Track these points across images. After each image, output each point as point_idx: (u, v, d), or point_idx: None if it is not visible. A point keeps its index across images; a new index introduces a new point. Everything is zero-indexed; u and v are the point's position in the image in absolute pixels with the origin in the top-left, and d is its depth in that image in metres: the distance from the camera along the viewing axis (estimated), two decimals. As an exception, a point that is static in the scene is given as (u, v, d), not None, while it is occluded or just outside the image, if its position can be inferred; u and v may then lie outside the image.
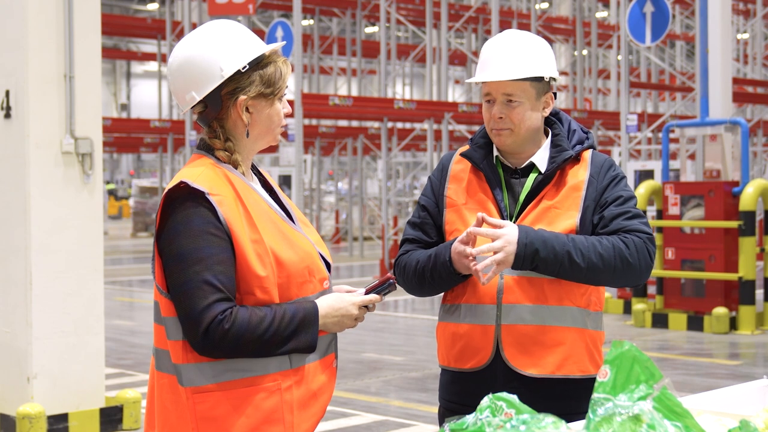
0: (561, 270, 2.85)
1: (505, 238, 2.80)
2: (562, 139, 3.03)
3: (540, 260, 2.82)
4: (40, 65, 6.46)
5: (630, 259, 2.87)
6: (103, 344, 6.77)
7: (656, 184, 12.34)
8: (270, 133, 2.60)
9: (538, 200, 2.96)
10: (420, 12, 23.04)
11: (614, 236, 2.90)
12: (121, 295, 15.96)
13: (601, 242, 2.87)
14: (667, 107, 26.54)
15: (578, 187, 2.97)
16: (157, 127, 23.42)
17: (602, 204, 2.95)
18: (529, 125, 2.98)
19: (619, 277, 2.91)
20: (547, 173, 2.98)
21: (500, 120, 2.97)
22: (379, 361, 9.84)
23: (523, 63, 2.95)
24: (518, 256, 2.81)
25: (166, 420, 2.48)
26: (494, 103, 2.98)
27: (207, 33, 2.55)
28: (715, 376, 9.05)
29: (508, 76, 2.93)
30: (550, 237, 2.84)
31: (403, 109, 17.59)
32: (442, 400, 3.12)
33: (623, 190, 2.98)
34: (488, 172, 3.02)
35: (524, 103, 2.96)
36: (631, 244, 2.88)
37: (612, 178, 2.99)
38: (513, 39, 3.00)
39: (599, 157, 3.04)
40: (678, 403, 1.89)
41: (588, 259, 2.84)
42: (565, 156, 2.98)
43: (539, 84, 2.98)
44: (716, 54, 12.22)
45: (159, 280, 2.47)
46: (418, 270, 3.01)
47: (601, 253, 2.85)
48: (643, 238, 2.91)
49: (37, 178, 6.45)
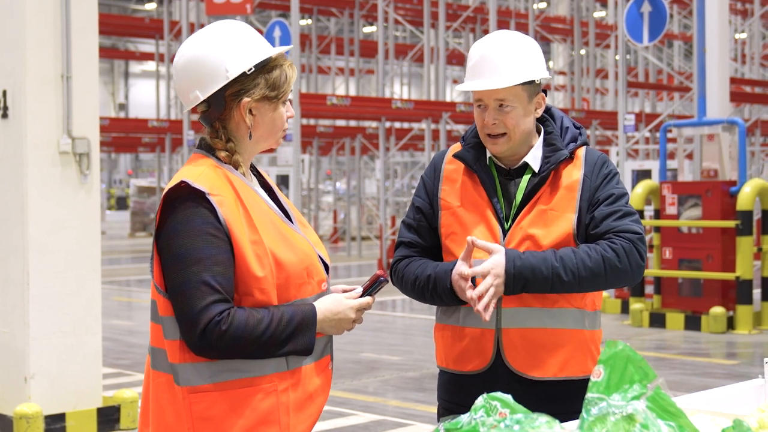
0: (553, 289, 2.86)
1: (493, 272, 2.81)
2: (556, 138, 3.01)
3: (530, 287, 2.84)
4: (37, 65, 6.46)
5: (620, 266, 2.86)
6: (100, 344, 6.78)
7: (654, 184, 12.34)
8: (272, 137, 2.60)
9: (534, 202, 2.94)
10: (418, 12, 23.03)
11: (603, 243, 2.88)
12: (119, 295, 15.96)
13: (589, 255, 2.85)
14: (665, 107, 26.53)
15: (573, 188, 2.96)
16: (155, 127, 23.41)
17: (594, 202, 2.94)
18: (523, 128, 2.96)
19: (612, 284, 2.92)
20: (542, 174, 2.96)
21: (494, 126, 2.94)
22: (377, 361, 9.84)
23: (514, 68, 2.91)
24: (507, 286, 2.82)
25: (161, 419, 2.48)
26: (486, 108, 2.95)
27: (214, 33, 2.55)
28: (712, 375, 9.06)
29: (500, 85, 2.90)
30: (538, 263, 2.82)
31: (401, 109, 17.59)
32: (441, 401, 3.12)
33: (615, 188, 2.96)
34: (482, 173, 3.00)
35: (517, 107, 2.93)
36: (620, 250, 2.86)
37: (605, 176, 2.97)
38: (501, 43, 2.96)
39: (593, 155, 3.02)
40: (672, 402, 1.89)
41: (578, 275, 2.84)
42: (560, 157, 2.96)
43: (531, 87, 2.95)
44: (714, 54, 12.23)
45: (157, 279, 2.47)
46: (417, 287, 3.00)
47: (591, 267, 2.84)
48: (632, 239, 2.88)
49: (34, 178, 6.45)
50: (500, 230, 2.95)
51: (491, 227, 2.95)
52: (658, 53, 25.73)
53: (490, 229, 2.95)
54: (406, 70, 30.32)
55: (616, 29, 18.84)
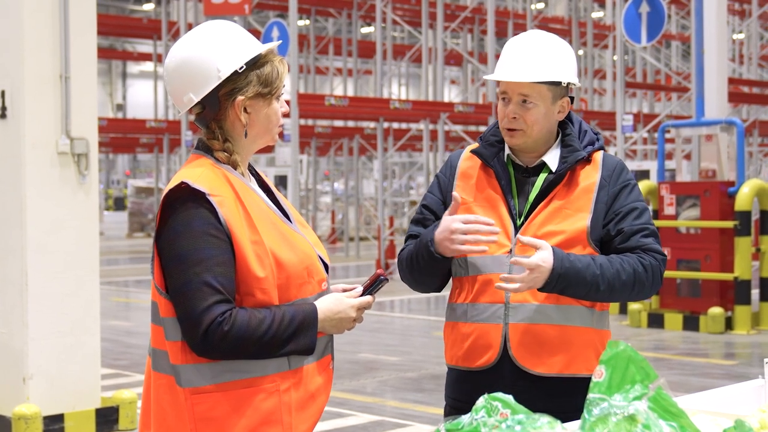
0: (586, 297, 2.89)
1: (539, 268, 2.79)
2: (574, 139, 3.03)
3: (568, 291, 2.86)
4: (35, 65, 6.45)
5: (646, 283, 2.93)
6: (99, 345, 6.77)
7: (652, 184, 12.34)
8: (268, 133, 2.60)
9: (549, 200, 2.96)
10: (416, 12, 23.03)
11: (634, 257, 2.93)
12: (117, 295, 15.95)
13: (623, 268, 2.89)
14: (663, 107, 26.55)
15: (590, 189, 2.98)
16: (153, 128, 23.41)
17: (618, 213, 2.97)
18: (542, 127, 2.98)
19: (633, 297, 2.97)
20: (559, 173, 2.98)
21: (514, 120, 2.97)
22: (375, 362, 9.84)
23: (542, 66, 2.94)
24: (548, 284, 2.82)
25: (162, 421, 2.48)
26: (509, 102, 2.98)
27: (203, 34, 2.55)
28: (710, 376, 9.06)
29: (524, 78, 2.93)
30: (583, 269, 2.84)
31: (399, 110, 17.59)
32: (448, 399, 3.14)
33: (638, 201, 3.00)
34: (498, 169, 3.02)
35: (539, 105, 2.96)
36: (649, 267, 2.93)
37: (624, 184, 3.00)
38: (536, 40, 3.00)
39: (611, 160, 3.05)
40: (673, 403, 1.89)
41: (612, 286, 2.88)
42: (577, 157, 2.99)
43: (556, 88, 2.97)
44: (712, 54, 12.23)
45: (158, 280, 2.47)
46: (408, 259, 3.02)
47: (624, 280, 2.89)
48: (660, 261, 2.96)
49: (33, 179, 6.44)
50: (512, 226, 2.96)
51: (504, 223, 2.96)
52: (656, 54, 25.75)
53: (503, 224, 2.96)
54: (404, 71, 30.31)
55: (614, 30, 18.86)
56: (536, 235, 2.92)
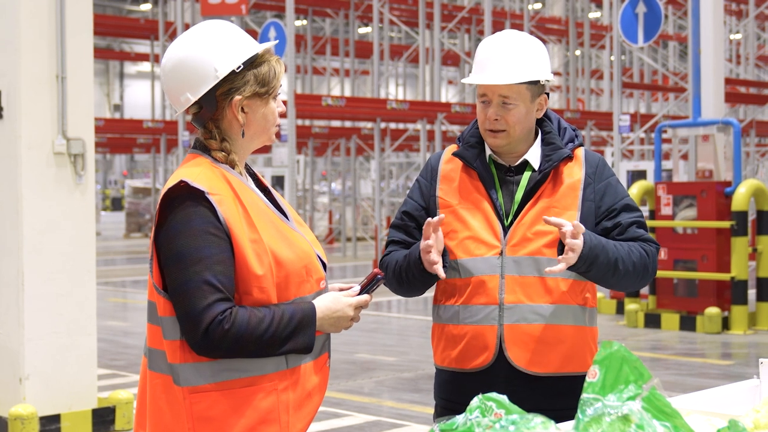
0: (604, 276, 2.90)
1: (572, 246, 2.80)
2: (555, 137, 3.06)
3: (596, 265, 2.86)
4: (32, 66, 6.45)
5: (649, 268, 2.99)
6: (95, 345, 6.77)
7: (649, 185, 12.35)
8: (265, 133, 2.60)
9: (536, 199, 2.98)
10: (413, 12, 23.05)
11: (636, 244, 2.98)
12: (113, 296, 15.94)
13: (632, 251, 2.94)
14: (660, 107, 26.56)
15: (575, 187, 3.00)
16: (150, 128, 23.41)
17: (612, 209, 3.00)
18: (523, 127, 3.00)
19: (635, 284, 3.00)
20: (543, 171, 3.00)
21: (495, 122, 2.98)
22: (372, 362, 9.84)
23: (520, 66, 2.96)
24: (582, 257, 2.82)
25: (159, 420, 2.48)
26: (489, 104, 3.00)
27: (200, 34, 2.55)
28: (707, 376, 9.07)
29: (505, 81, 2.94)
30: (606, 242, 2.89)
31: (396, 110, 17.60)
32: (439, 399, 3.13)
33: (626, 196, 3.06)
34: (481, 170, 3.03)
35: (519, 105, 2.98)
36: (650, 254, 2.99)
37: (609, 180, 3.04)
38: (510, 41, 3.01)
39: (593, 156, 3.08)
40: (667, 403, 1.89)
41: (626, 267, 2.92)
42: (562, 155, 3.01)
43: (535, 87, 3.00)
44: (709, 54, 12.25)
45: (156, 279, 2.46)
46: (396, 271, 3.03)
47: (635, 261, 2.94)
48: (655, 249, 3.02)
49: (29, 179, 6.44)
50: (500, 226, 2.97)
51: (491, 223, 2.97)
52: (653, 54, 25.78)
53: (490, 225, 2.97)
54: (401, 71, 30.32)
55: (611, 30, 18.86)
56: (526, 235, 2.94)
